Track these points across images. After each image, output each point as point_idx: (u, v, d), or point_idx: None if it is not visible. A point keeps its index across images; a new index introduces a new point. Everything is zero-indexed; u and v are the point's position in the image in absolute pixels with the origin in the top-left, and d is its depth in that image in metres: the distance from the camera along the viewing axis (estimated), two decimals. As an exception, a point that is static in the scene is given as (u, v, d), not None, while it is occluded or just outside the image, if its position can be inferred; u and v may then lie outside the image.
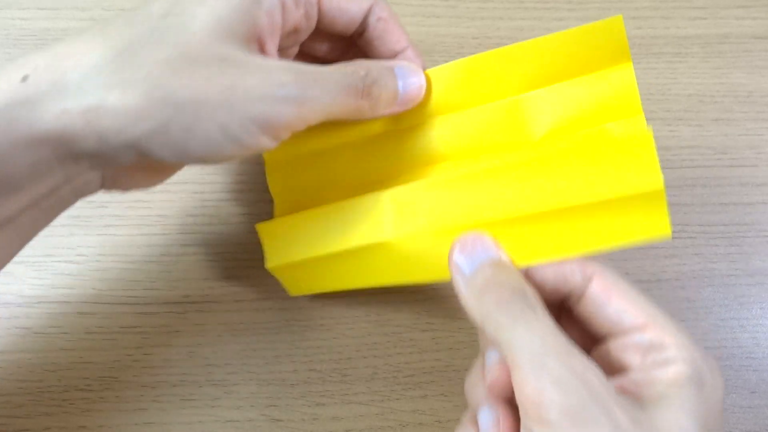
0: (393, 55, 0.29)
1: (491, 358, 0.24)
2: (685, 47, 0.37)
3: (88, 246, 0.34)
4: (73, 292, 0.33)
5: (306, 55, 0.30)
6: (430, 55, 0.37)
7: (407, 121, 0.30)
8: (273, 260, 0.31)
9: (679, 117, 0.36)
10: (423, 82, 0.28)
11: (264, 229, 0.31)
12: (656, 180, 0.24)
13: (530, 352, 0.21)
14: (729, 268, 0.34)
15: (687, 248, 0.34)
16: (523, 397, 0.21)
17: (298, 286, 0.32)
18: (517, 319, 0.22)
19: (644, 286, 0.34)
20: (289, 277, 0.32)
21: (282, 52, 0.28)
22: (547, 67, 0.28)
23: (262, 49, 0.24)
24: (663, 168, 0.35)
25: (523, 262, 0.25)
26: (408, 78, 0.28)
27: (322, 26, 0.28)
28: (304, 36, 0.28)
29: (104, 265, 0.34)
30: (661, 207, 0.25)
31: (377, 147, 0.30)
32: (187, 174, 0.35)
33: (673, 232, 0.35)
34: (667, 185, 0.35)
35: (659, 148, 0.36)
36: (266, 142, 0.24)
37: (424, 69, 0.28)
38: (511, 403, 0.23)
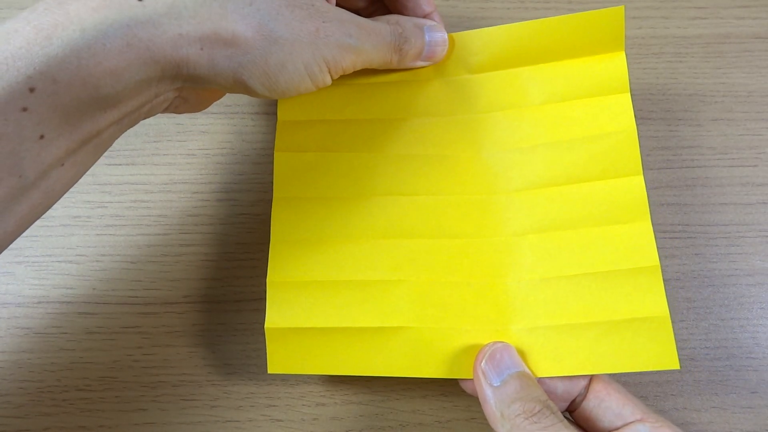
0: (422, 15, 0.32)
1: None
2: (685, 47, 0.37)
3: (88, 246, 0.34)
4: (73, 292, 0.33)
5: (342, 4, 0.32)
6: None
7: (419, 75, 0.32)
8: (275, 321, 0.29)
9: (679, 117, 0.36)
10: (445, 45, 0.31)
11: (274, 286, 0.29)
12: (662, 308, 0.28)
13: None
14: (729, 268, 0.34)
15: (687, 248, 0.34)
16: None
17: (287, 359, 0.29)
18: (548, 430, 0.24)
19: (644, 286, 0.34)
20: (282, 346, 0.29)
21: None
22: (548, 45, 0.31)
23: None
24: (663, 168, 0.36)
25: (540, 374, 0.28)
26: (434, 36, 0.31)
27: None
28: None
29: (104, 265, 0.34)
30: (669, 338, 0.27)
31: (383, 94, 0.32)
32: (187, 174, 0.35)
33: (674, 232, 0.35)
34: (667, 185, 0.35)
35: (659, 148, 0.36)
36: (327, 80, 0.27)
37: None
38: None
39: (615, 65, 0.31)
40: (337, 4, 0.29)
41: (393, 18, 0.30)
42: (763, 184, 0.35)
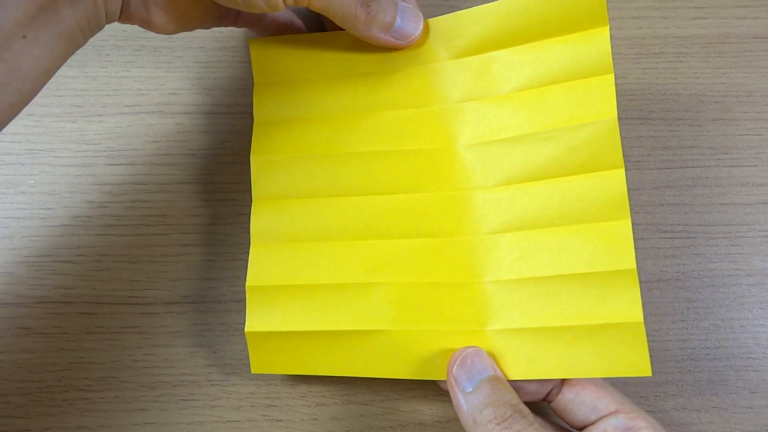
0: None
1: None
2: (685, 47, 0.37)
3: (88, 246, 0.34)
4: (73, 292, 0.33)
5: None
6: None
7: (395, 62, 0.31)
8: (254, 325, 0.30)
9: (679, 117, 0.36)
10: (421, 26, 0.30)
11: (253, 291, 0.30)
12: (636, 314, 0.27)
13: None
14: (729, 268, 0.34)
15: (687, 248, 0.34)
16: None
17: (268, 360, 0.30)
18: None
19: (645, 286, 0.34)
20: (263, 349, 0.30)
21: None
22: (528, 24, 0.30)
23: None
24: (663, 168, 0.36)
25: (513, 377, 0.28)
26: (407, 17, 0.30)
27: None
28: None
29: (104, 265, 0.34)
30: (642, 344, 0.27)
31: (358, 87, 0.31)
32: (187, 174, 0.35)
33: (673, 232, 0.35)
34: (667, 185, 0.35)
35: (659, 148, 0.36)
36: None
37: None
38: None
39: (598, 42, 0.29)
40: None
41: None
42: (763, 184, 0.35)
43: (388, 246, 0.30)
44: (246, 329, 0.30)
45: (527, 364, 0.28)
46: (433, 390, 0.33)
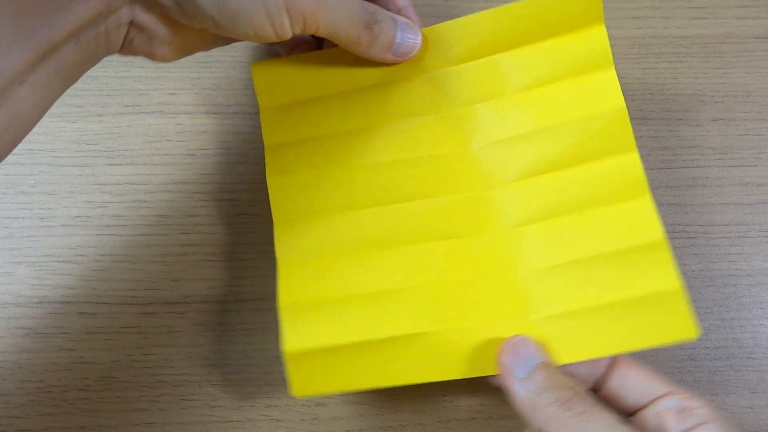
0: (395, 10, 0.31)
1: None
2: (685, 47, 0.37)
3: (88, 246, 0.34)
4: (73, 292, 0.33)
5: None
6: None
7: (399, 73, 0.31)
8: (293, 345, 0.28)
9: (679, 117, 0.36)
10: (419, 41, 0.30)
11: (287, 311, 0.29)
12: (673, 281, 0.27)
13: None
14: (729, 268, 0.34)
15: (687, 248, 0.34)
16: None
17: (311, 380, 0.29)
18: (583, 415, 0.24)
19: (644, 286, 0.34)
20: (305, 369, 0.28)
21: None
22: (526, 27, 0.30)
23: None
24: (663, 168, 0.36)
25: (561, 362, 0.28)
26: (407, 33, 0.30)
27: None
28: None
29: (104, 265, 0.34)
30: (684, 309, 0.27)
31: (366, 100, 0.31)
32: (187, 174, 0.35)
33: (674, 232, 0.35)
34: (667, 185, 0.35)
35: (659, 148, 0.36)
36: (286, 25, 0.26)
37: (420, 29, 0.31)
38: None
39: (596, 40, 0.30)
40: None
41: (366, 2, 0.29)
42: (763, 184, 0.35)
43: (417, 250, 0.30)
44: (285, 350, 0.28)
45: (573, 347, 0.28)
46: (433, 390, 0.33)
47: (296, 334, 0.28)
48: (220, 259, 0.34)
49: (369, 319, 0.29)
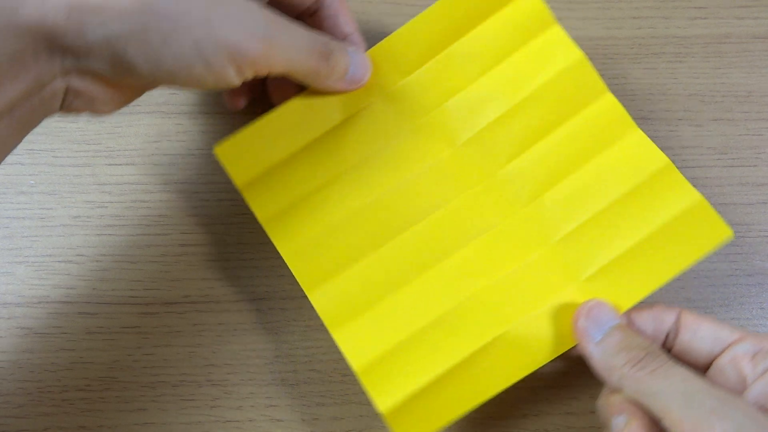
0: (342, 37, 0.31)
1: (618, 423, 0.25)
2: (685, 47, 0.37)
3: (88, 246, 0.34)
4: (73, 292, 0.33)
5: None
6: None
7: (359, 102, 0.31)
8: (387, 402, 0.28)
9: (679, 117, 0.36)
10: (369, 67, 0.31)
11: (364, 372, 0.29)
12: (693, 195, 0.29)
13: (679, 395, 0.24)
14: (729, 268, 0.34)
15: (687, 248, 0.34)
16: None
17: (413, 425, 0.28)
18: (656, 372, 0.25)
19: (644, 286, 0.34)
20: (404, 419, 0.28)
21: None
22: (464, 16, 0.32)
23: None
24: (663, 168, 0.35)
25: (625, 309, 0.29)
26: (357, 61, 0.30)
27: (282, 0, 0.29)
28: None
29: (104, 265, 0.34)
30: (712, 215, 0.29)
31: (338, 141, 0.31)
32: (187, 174, 0.35)
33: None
34: (667, 185, 0.35)
35: (660, 148, 0.36)
36: (231, 74, 0.25)
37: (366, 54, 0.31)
38: None
39: (530, 4, 0.31)
40: None
41: (317, 31, 0.29)
42: (763, 184, 0.35)
43: (452, 263, 0.30)
44: (382, 410, 0.28)
45: (630, 291, 0.29)
46: (433, 390, 0.33)
47: (384, 392, 0.28)
48: (220, 259, 0.34)
49: (444, 345, 0.29)
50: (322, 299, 0.30)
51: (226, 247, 0.34)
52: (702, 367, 0.27)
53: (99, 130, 0.36)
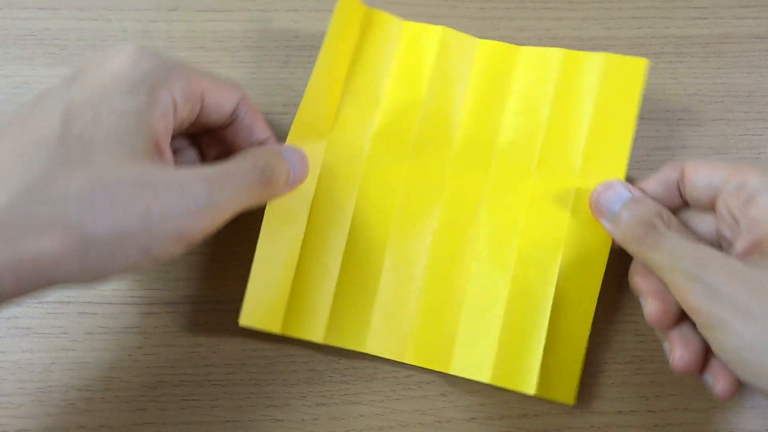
0: (259, 144, 0.30)
1: (642, 303, 0.29)
2: (685, 47, 0.37)
3: (88, 246, 0.34)
4: (73, 293, 0.33)
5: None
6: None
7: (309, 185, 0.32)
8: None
9: (679, 117, 0.36)
10: (306, 161, 0.31)
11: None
12: (596, 57, 0.34)
13: (666, 264, 0.26)
14: (729, 268, 0.34)
15: (687, 248, 0.34)
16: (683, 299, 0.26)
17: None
18: (652, 246, 0.27)
19: (644, 286, 0.34)
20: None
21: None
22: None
23: (160, 152, 0.24)
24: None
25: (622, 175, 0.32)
26: (295, 162, 0.30)
27: (199, 118, 0.28)
28: (184, 128, 0.28)
29: (104, 265, 0.34)
30: (619, 59, 0.34)
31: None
32: (187, 174, 0.35)
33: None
34: (668, 185, 0.35)
35: (659, 148, 0.36)
36: (179, 251, 0.24)
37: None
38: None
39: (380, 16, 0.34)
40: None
41: (250, 152, 0.28)
42: (763, 184, 0.35)
43: (490, 258, 0.32)
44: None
45: (615, 161, 0.32)
46: (433, 390, 0.33)
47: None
48: (220, 259, 0.34)
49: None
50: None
51: (226, 247, 0.34)
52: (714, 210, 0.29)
53: (99, 130, 0.36)
